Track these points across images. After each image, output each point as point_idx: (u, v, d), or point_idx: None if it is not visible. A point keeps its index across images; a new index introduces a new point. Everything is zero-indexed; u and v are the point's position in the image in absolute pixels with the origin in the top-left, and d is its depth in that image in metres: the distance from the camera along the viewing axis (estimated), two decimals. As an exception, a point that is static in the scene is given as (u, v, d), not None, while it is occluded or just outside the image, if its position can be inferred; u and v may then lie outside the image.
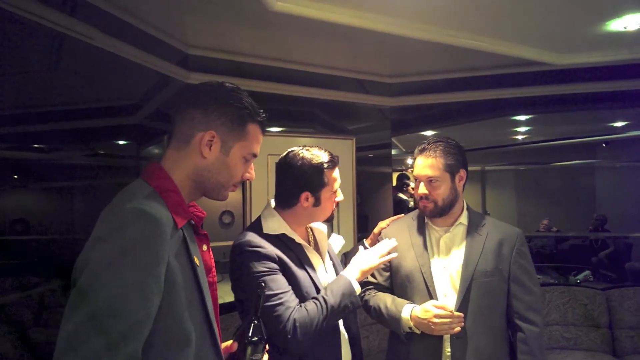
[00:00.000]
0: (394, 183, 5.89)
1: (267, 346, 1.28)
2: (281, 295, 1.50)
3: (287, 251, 1.60)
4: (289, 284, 1.55)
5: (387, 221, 2.18)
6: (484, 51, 3.03)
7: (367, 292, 2.03)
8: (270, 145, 3.39)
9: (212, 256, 1.25)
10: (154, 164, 1.17)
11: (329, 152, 1.69)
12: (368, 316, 2.02)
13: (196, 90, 1.23)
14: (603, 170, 8.27)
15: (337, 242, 2.01)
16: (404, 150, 7.33)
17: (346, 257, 2.13)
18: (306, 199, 1.63)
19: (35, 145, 2.51)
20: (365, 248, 2.14)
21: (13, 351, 2.00)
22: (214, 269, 1.24)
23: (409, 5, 2.43)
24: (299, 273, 1.58)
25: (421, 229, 1.95)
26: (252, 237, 1.58)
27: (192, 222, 1.18)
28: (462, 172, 1.89)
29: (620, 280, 5.67)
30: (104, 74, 2.53)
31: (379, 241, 2.05)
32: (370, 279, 2.03)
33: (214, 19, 2.53)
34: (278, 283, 1.51)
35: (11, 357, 1.99)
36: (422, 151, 1.89)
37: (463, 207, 1.94)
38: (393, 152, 4.39)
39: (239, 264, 1.56)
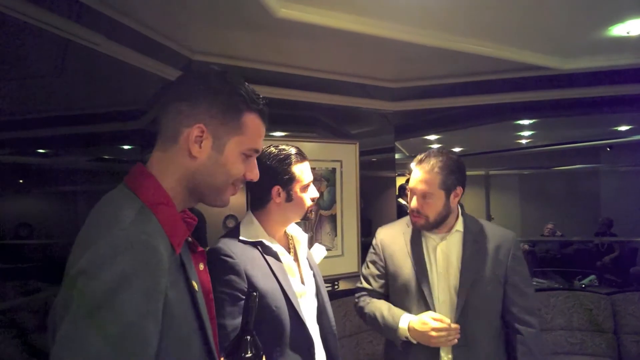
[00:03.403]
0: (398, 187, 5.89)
1: None
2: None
3: (260, 261, 1.55)
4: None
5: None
6: (487, 56, 3.03)
7: (362, 299, 2.01)
8: (273, 150, 3.40)
9: (208, 274, 1.11)
10: (139, 168, 1.00)
11: (297, 147, 1.66)
12: (363, 322, 2.02)
13: (182, 79, 1.05)
14: (607, 174, 8.26)
15: (318, 253, 1.96)
16: (407, 154, 7.33)
17: None
18: (278, 194, 1.60)
19: (40, 150, 2.53)
20: None
21: (18, 355, 2.01)
22: (210, 287, 1.11)
23: (412, 11, 2.44)
24: (268, 286, 1.52)
25: (417, 237, 1.92)
26: (225, 244, 1.54)
27: (190, 239, 1.05)
28: (459, 190, 1.84)
29: (626, 285, 5.65)
30: (108, 79, 2.54)
31: (374, 248, 2.03)
32: (365, 284, 2.02)
33: (218, 25, 2.55)
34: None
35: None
36: (420, 162, 1.84)
37: (458, 214, 1.92)
38: (396, 156, 4.39)
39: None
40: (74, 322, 0.79)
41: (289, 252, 1.69)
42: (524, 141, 7.21)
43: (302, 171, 1.63)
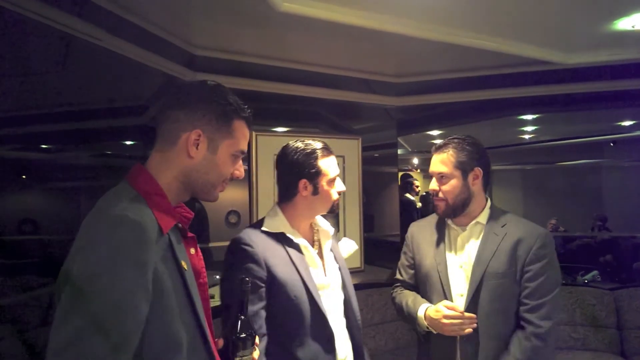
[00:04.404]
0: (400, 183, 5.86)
1: (256, 341, 1.27)
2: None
3: (281, 251, 1.60)
4: (273, 289, 1.55)
5: None
6: (490, 50, 3.02)
7: (395, 290, 2.05)
8: (275, 145, 3.37)
9: (201, 257, 1.23)
10: (138, 166, 1.16)
11: (323, 142, 1.71)
12: (369, 312, 2.03)
13: (179, 89, 1.21)
14: (610, 170, 8.22)
15: (346, 247, 1.99)
16: (409, 150, 7.32)
17: None
18: (305, 188, 1.65)
19: (43, 146, 2.53)
20: None
21: (21, 351, 2.02)
22: (204, 271, 1.23)
23: (414, 5, 2.43)
24: (287, 276, 1.57)
25: (441, 228, 1.93)
26: (247, 234, 1.61)
27: (180, 225, 1.16)
28: (477, 170, 1.82)
29: (629, 281, 5.63)
30: (110, 74, 2.54)
31: (406, 240, 2.06)
32: (398, 276, 2.06)
33: (220, 20, 2.54)
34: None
35: (20, 356, 2.00)
36: (437, 148, 1.87)
37: (484, 205, 1.88)
38: (399, 151, 4.38)
39: (226, 260, 1.60)
40: (76, 288, 0.93)
41: (314, 245, 1.73)
42: (526, 136, 7.19)
43: (329, 165, 1.68)
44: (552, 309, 1.73)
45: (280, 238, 1.63)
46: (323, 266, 1.71)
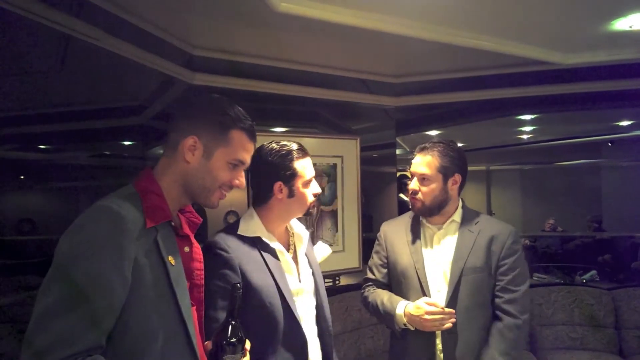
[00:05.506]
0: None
1: (247, 346, 1.26)
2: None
3: (256, 256, 1.56)
4: (247, 295, 1.50)
5: None
6: (489, 51, 3.02)
7: (367, 289, 2.08)
8: (274, 145, 3.39)
9: (197, 259, 1.28)
10: (146, 169, 1.25)
11: (298, 143, 1.67)
12: (367, 312, 2.06)
13: (187, 102, 1.31)
14: (609, 170, 8.23)
15: (320, 251, 1.96)
16: (408, 150, 7.31)
17: None
18: (280, 190, 1.60)
19: (41, 146, 2.53)
20: None
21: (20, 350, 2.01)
22: (198, 272, 1.27)
23: (412, 5, 2.43)
24: (262, 282, 1.53)
25: (416, 227, 1.99)
26: (221, 238, 1.56)
27: (172, 223, 1.22)
28: (457, 177, 1.91)
29: (627, 280, 5.64)
30: (108, 74, 2.54)
31: (378, 239, 2.08)
32: (369, 275, 2.08)
33: (219, 20, 2.54)
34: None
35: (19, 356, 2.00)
36: (421, 149, 1.93)
37: (458, 205, 1.97)
38: (397, 151, 4.38)
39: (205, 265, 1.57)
40: (57, 266, 1.02)
41: (289, 249, 1.68)
42: (525, 136, 7.18)
43: (304, 167, 1.63)
44: (526, 301, 1.86)
45: (256, 242, 1.58)
46: (297, 271, 1.67)
